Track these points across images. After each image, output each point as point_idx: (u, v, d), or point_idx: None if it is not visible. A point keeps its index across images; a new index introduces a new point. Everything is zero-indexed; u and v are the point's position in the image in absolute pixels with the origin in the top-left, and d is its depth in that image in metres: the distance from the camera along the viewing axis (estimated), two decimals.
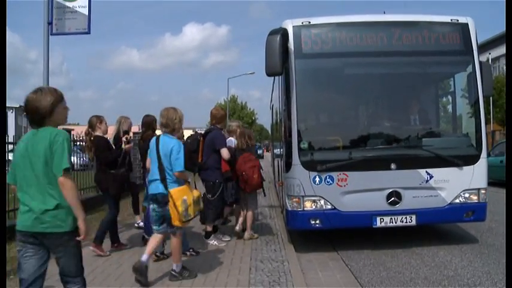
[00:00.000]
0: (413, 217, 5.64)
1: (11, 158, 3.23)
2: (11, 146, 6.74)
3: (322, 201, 5.60)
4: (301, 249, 5.92)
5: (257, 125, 62.80)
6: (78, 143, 9.79)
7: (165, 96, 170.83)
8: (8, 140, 6.79)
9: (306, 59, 5.79)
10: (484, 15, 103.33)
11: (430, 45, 5.87)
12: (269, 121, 17.00)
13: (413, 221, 5.65)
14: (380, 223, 5.65)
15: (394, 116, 6.47)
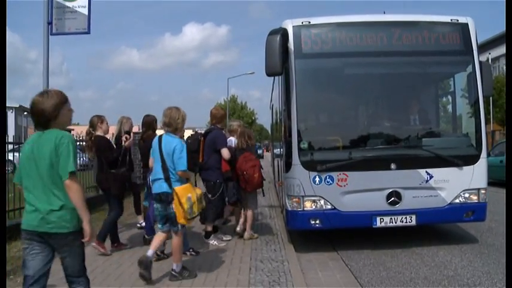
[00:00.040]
0: (413, 217, 5.64)
1: (11, 158, 3.24)
2: (11, 146, 6.75)
3: (322, 201, 5.61)
4: (301, 249, 5.92)
5: (257, 125, 62.76)
6: (78, 143, 9.78)
7: (165, 96, 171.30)
8: (8, 140, 6.78)
9: (305, 59, 5.79)
10: (484, 15, 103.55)
11: (430, 45, 5.87)
12: (269, 121, 17.03)
13: (413, 221, 5.65)
14: (380, 223, 5.65)
15: (394, 116, 6.47)
